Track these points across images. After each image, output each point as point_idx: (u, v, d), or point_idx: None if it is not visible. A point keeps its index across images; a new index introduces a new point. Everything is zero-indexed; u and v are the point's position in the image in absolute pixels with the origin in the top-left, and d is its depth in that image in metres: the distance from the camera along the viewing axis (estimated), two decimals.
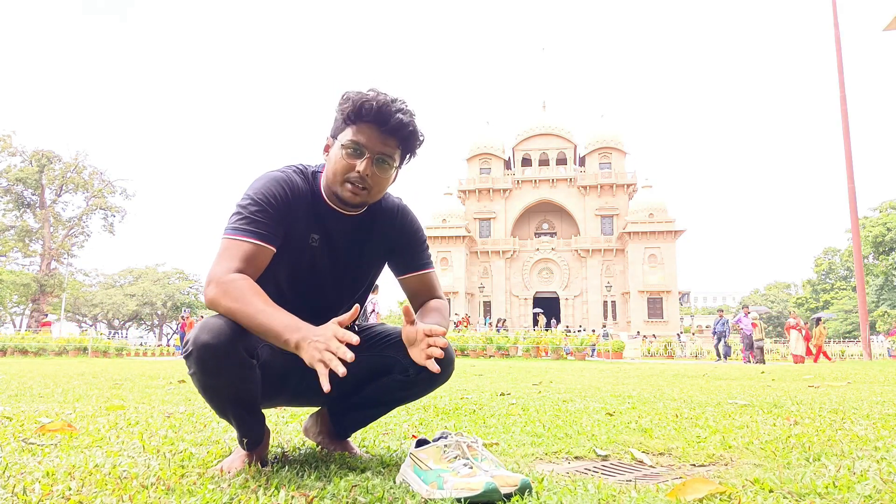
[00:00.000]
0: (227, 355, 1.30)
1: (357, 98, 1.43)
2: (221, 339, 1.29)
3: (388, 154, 1.47)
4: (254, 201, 1.45)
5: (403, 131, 1.46)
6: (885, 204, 45.58)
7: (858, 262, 17.71)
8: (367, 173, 1.45)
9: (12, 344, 19.64)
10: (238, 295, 1.32)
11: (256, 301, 1.32)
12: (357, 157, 1.45)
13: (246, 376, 1.37)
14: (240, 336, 1.32)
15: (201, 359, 1.30)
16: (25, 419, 2.47)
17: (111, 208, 43.69)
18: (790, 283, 77.68)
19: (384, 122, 1.43)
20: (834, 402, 3.60)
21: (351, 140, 1.45)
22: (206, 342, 1.28)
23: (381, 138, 1.45)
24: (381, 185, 1.51)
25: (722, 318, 20.20)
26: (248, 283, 1.36)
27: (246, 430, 1.49)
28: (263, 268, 1.45)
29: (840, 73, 18.06)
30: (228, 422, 1.50)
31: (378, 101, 1.42)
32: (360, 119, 1.44)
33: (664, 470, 1.66)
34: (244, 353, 1.34)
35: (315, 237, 1.56)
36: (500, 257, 55.21)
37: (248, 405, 1.45)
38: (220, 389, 1.37)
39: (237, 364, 1.33)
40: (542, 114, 59.59)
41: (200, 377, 1.34)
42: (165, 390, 4.46)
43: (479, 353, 18.64)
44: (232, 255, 1.39)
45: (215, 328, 1.30)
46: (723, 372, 9.06)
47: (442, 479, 1.23)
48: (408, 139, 1.48)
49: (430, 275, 1.68)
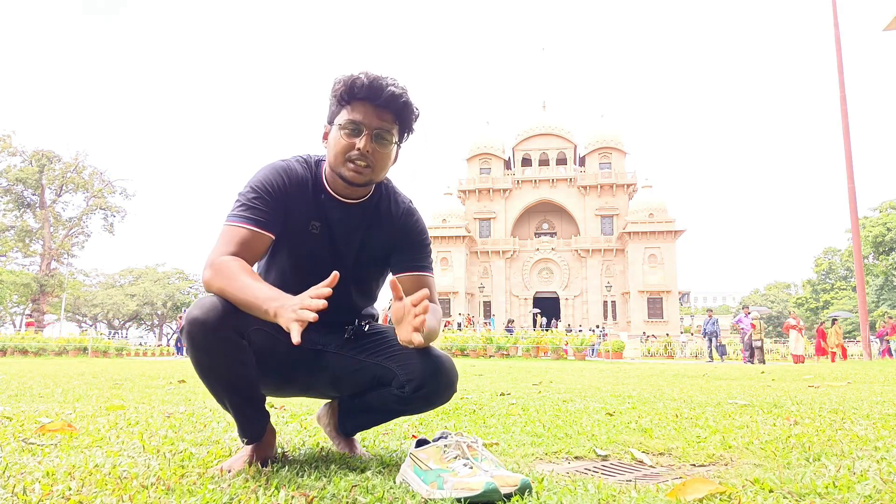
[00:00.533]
0: (215, 330, 1.33)
1: (348, 78, 1.46)
2: (210, 314, 1.33)
3: (386, 129, 1.49)
4: (252, 189, 1.49)
5: (397, 103, 1.48)
6: (885, 204, 45.57)
7: (858, 262, 17.71)
8: (368, 150, 1.47)
9: (12, 344, 19.65)
10: (228, 273, 1.36)
11: (243, 277, 1.35)
12: (356, 134, 1.47)
13: (236, 355, 1.39)
14: (230, 314, 1.34)
15: (191, 333, 1.34)
16: (25, 419, 2.47)
17: (111, 208, 43.73)
18: (790, 283, 77.67)
19: (377, 96, 1.46)
20: (834, 402, 3.60)
21: (348, 119, 1.47)
22: (196, 317, 1.33)
23: (377, 113, 1.47)
24: (383, 162, 1.52)
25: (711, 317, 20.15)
26: (239, 262, 1.40)
27: (244, 420, 1.50)
28: (260, 254, 1.49)
29: (840, 73, 18.06)
30: (227, 411, 1.51)
31: (368, 77, 1.45)
32: (354, 97, 1.47)
33: (664, 470, 1.66)
34: (233, 331, 1.36)
35: (316, 224, 1.57)
36: (500, 257, 55.22)
37: (243, 391, 1.46)
38: (213, 369, 1.40)
39: (225, 340, 1.35)
40: (542, 114, 59.60)
41: (192, 353, 1.37)
42: (165, 390, 4.46)
43: (478, 353, 18.64)
44: (228, 240, 1.44)
45: (206, 304, 1.34)
46: (723, 372, 9.06)
47: (442, 479, 1.23)
48: (402, 111, 1.50)
49: (427, 278, 1.66)
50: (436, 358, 1.51)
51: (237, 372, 1.41)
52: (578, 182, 55.36)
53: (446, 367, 1.51)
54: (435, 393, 1.52)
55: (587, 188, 55.32)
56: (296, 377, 1.62)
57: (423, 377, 1.49)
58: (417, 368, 1.49)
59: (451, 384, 1.54)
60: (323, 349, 1.62)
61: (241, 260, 1.41)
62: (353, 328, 1.65)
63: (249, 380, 1.45)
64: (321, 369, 1.62)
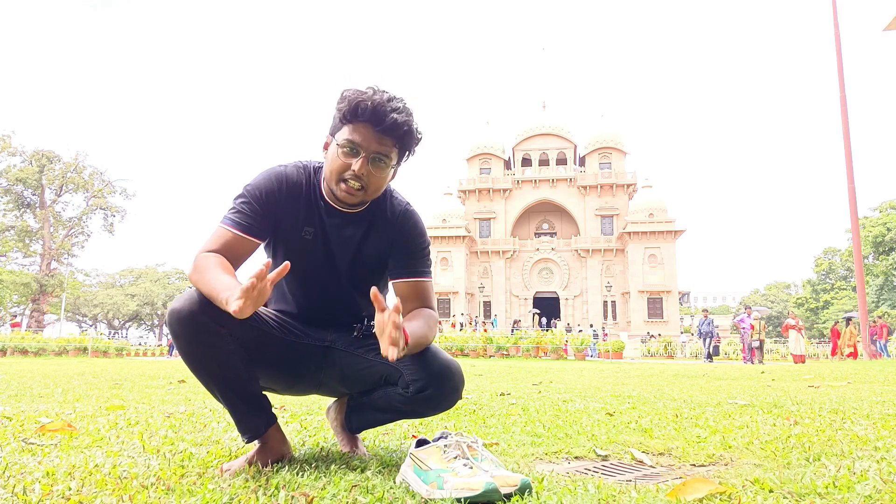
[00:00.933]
0: (190, 319, 1.36)
1: (353, 97, 1.44)
2: (185, 304, 1.37)
3: (384, 153, 1.48)
4: (244, 194, 1.52)
5: (399, 131, 1.46)
6: (885, 204, 45.55)
7: (858, 262, 17.71)
8: (363, 172, 1.47)
9: (12, 344, 19.64)
10: (202, 267, 1.40)
11: (213, 270, 1.38)
12: (353, 156, 1.47)
13: (216, 344, 1.40)
14: (206, 304, 1.36)
15: (170, 324, 1.38)
16: (25, 419, 2.47)
17: (111, 208, 43.69)
18: (790, 283, 77.64)
19: (379, 121, 1.44)
20: (834, 402, 3.60)
21: (347, 139, 1.46)
22: (174, 308, 1.38)
23: (377, 137, 1.46)
24: (378, 184, 1.52)
25: (707, 318, 20.13)
26: (216, 258, 1.43)
27: (238, 416, 1.50)
28: (244, 257, 1.51)
29: (840, 73, 18.06)
30: (224, 406, 1.52)
31: (374, 101, 1.43)
32: (356, 118, 1.45)
33: (664, 470, 1.65)
34: (210, 320, 1.38)
35: (309, 230, 1.58)
36: (500, 257, 55.19)
37: (232, 384, 1.46)
38: (194, 358, 1.42)
39: (202, 328, 1.38)
40: (542, 114, 59.57)
41: (175, 344, 1.41)
42: (165, 390, 4.46)
43: (479, 353, 18.64)
44: (214, 241, 1.47)
45: (184, 296, 1.39)
46: (723, 372, 9.06)
47: (442, 479, 1.23)
48: (404, 138, 1.49)
49: (424, 283, 1.64)
50: (443, 362, 1.50)
51: (221, 361, 1.42)
52: (578, 182, 55.32)
53: (452, 371, 1.51)
54: (439, 396, 1.51)
55: (587, 188, 55.29)
56: (304, 373, 1.63)
57: (427, 379, 1.48)
58: (423, 371, 1.49)
59: (456, 389, 1.53)
60: (331, 346, 1.63)
61: (219, 256, 1.44)
62: (362, 327, 1.65)
63: (236, 372, 1.46)
64: (330, 365, 1.63)
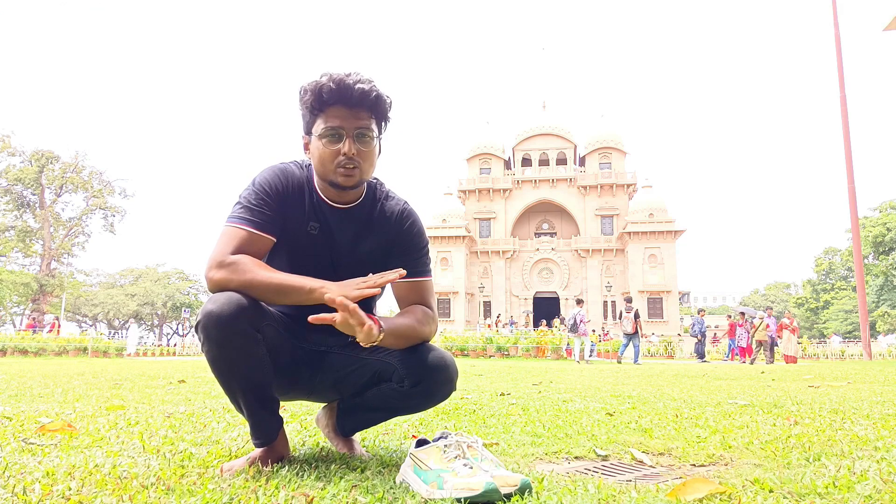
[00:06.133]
0: (230, 324, 1.34)
1: (314, 86, 1.46)
2: (225, 308, 1.34)
3: (365, 126, 1.49)
4: (252, 191, 1.51)
5: (369, 99, 1.47)
6: (885, 204, 45.60)
7: (858, 262, 17.72)
8: (353, 152, 1.47)
9: (12, 344, 19.65)
10: (249, 268, 1.39)
11: (266, 270, 1.40)
12: (338, 140, 1.47)
13: (251, 350, 1.39)
14: (245, 307, 1.36)
15: (206, 327, 1.35)
16: (25, 419, 2.47)
17: (111, 208, 43.69)
18: (790, 283, 77.71)
19: (348, 98, 1.46)
20: (834, 402, 3.60)
21: (326, 127, 1.47)
22: (211, 311, 1.34)
23: (353, 114, 1.47)
24: (370, 159, 1.53)
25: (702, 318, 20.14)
26: (252, 258, 1.43)
27: (256, 422, 1.49)
28: (260, 255, 1.49)
29: (840, 73, 18.07)
30: (241, 412, 1.50)
31: (335, 81, 1.44)
32: (325, 104, 1.47)
33: (664, 470, 1.65)
34: (248, 325, 1.37)
35: (314, 225, 1.58)
36: (500, 257, 55.19)
37: (258, 391, 1.46)
38: (227, 363, 1.40)
39: (240, 334, 1.36)
40: (542, 114, 59.58)
41: (207, 348, 1.38)
42: (165, 390, 4.46)
43: (478, 353, 18.64)
44: (229, 241, 1.45)
45: (221, 299, 1.35)
46: (723, 372, 9.06)
47: (442, 479, 1.23)
48: (376, 105, 1.50)
49: (423, 283, 1.64)
50: (436, 354, 1.53)
51: (251, 366, 1.41)
52: (578, 182, 55.33)
53: (446, 363, 1.53)
54: (434, 388, 1.53)
55: (587, 188, 55.29)
56: (299, 378, 1.62)
57: (422, 372, 1.50)
58: (417, 363, 1.51)
59: (451, 380, 1.55)
60: (327, 350, 1.63)
61: (250, 256, 1.43)
62: None
63: (264, 379, 1.45)
64: (324, 370, 1.63)
